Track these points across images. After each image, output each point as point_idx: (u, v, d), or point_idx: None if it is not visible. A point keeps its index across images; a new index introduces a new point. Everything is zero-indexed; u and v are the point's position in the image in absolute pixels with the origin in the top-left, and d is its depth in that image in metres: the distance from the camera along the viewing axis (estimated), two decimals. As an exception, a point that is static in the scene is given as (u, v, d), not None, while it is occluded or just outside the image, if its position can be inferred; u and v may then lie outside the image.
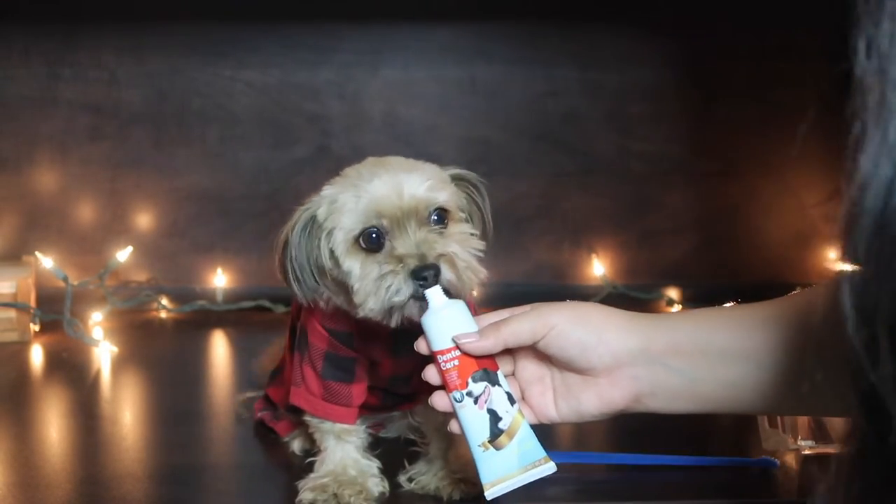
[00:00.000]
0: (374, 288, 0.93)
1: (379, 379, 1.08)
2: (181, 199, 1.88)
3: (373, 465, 1.07)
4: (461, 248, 0.95)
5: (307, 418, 1.08)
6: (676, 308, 1.87)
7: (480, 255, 0.98)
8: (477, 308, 1.80)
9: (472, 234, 0.98)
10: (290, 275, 0.97)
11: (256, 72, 1.85)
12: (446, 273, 0.92)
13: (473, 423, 0.88)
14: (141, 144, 1.86)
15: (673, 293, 1.88)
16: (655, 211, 1.90)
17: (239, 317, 1.80)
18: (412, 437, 1.14)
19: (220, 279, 1.87)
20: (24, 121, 1.84)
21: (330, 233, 0.96)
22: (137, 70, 1.84)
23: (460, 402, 0.88)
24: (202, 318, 1.81)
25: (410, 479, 1.06)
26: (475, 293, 0.97)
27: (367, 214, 0.94)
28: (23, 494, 1.07)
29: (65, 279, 1.70)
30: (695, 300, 1.85)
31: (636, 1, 1.84)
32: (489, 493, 0.87)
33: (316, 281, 0.97)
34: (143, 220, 1.88)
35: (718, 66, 1.86)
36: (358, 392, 1.06)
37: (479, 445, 0.87)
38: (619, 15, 1.85)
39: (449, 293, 0.92)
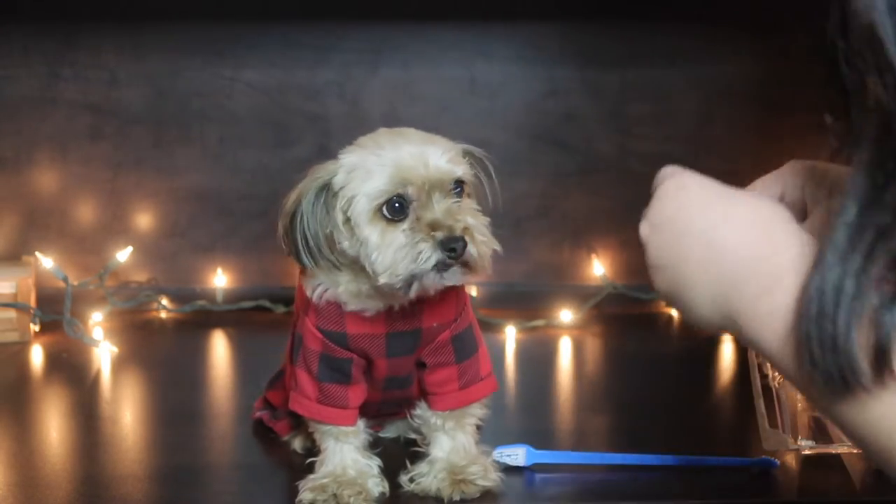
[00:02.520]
0: (401, 255, 0.93)
1: (374, 381, 1.08)
2: (181, 199, 1.88)
3: (373, 466, 1.07)
4: (477, 221, 0.97)
5: (307, 419, 1.09)
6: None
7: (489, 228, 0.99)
8: (475, 307, 1.80)
9: (478, 210, 1.00)
10: (301, 246, 0.96)
11: (256, 72, 1.85)
12: (471, 247, 0.94)
13: None
14: (141, 144, 1.86)
15: (673, 293, 1.88)
16: (655, 211, 1.90)
17: (239, 317, 1.81)
18: (412, 436, 1.14)
19: (220, 279, 1.87)
20: (24, 121, 1.84)
21: (348, 200, 0.95)
22: (137, 70, 1.84)
23: None
24: (202, 318, 1.81)
25: (411, 480, 1.06)
26: (487, 271, 0.98)
27: (393, 182, 0.94)
28: (23, 494, 1.07)
29: (65, 279, 1.70)
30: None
31: (636, 1, 1.84)
32: None
33: (320, 251, 0.96)
34: (143, 220, 1.88)
35: (719, 66, 1.86)
36: (355, 394, 1.06)
37: None
38: (618, 15, 1.85)
39: (469, 268, 0.95)
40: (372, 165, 0.95)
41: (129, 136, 1.86)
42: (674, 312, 1.86)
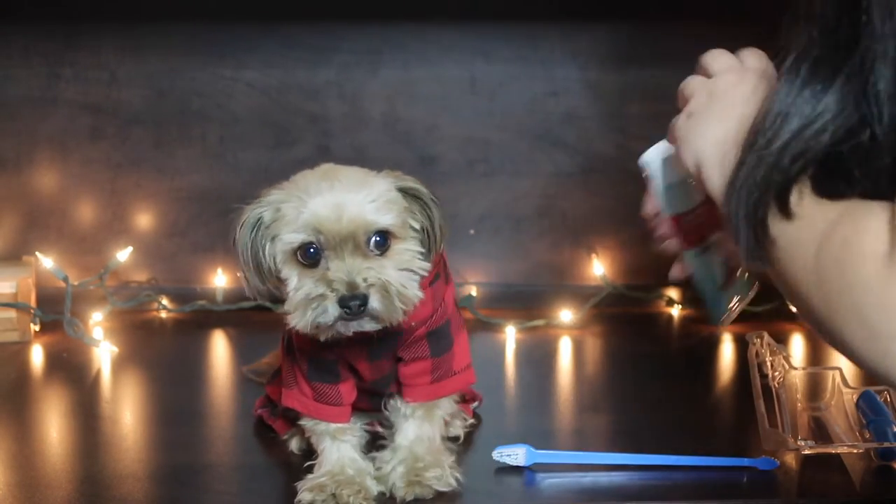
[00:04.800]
0: (303, 305, 0.95)
1: (363, 382, 1.09)
2: (181, 199, 1.88)
3: (370, 464, 1.07)
4: (397, 273, 0.97)
5: (302, 422, 1.09)
6: (676, 308, 1.87)
7: (423, 274, 0.99)
8: (475, 307, 1.80)
9: (417, 254, 0.99)
10: (240, 272, 1.00)
11: (256, 72, 1.85)
12: (374, 302, 0.94)
13: (705, 272, 1.00)
14: (141, 144, 1.86)
15: (673, 293, 1.88)
16: (655, 211, 1.90)
17: (239, 317, 1.81)
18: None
19: (220, 279, 1.87)
20: (24, 121, 1.84)
21: (273, 239, 0.98)
22: (137, 70, 1.84)
23: (701, 254, 1.00)
24: (202, 318, 1.81)
25: (376, 468, 1.07)
26: (403, 318, 0.98)
27: (305, 231, 0.96)
28: (23, 494, 1.07)
29: (65, 279, 1.70)
30: (695, 300, 1.85)
31: (636, 1, 1.84)
32: (725, 321, 1.01)
33: (262, 281, 0.99)
34: (143, 220, 1.88)
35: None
36: (346, 390, 1.08)
37: (714, 291, 1.00)
38: (618, 15, 1.85)
39: (377, 319, 0.95)
40: (291, 210, 0.97)
41: (129, 136, 1.86)
42: (674, 312, 1.86)
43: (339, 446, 1.07)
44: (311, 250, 0.96)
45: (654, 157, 1.06)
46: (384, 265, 0.96)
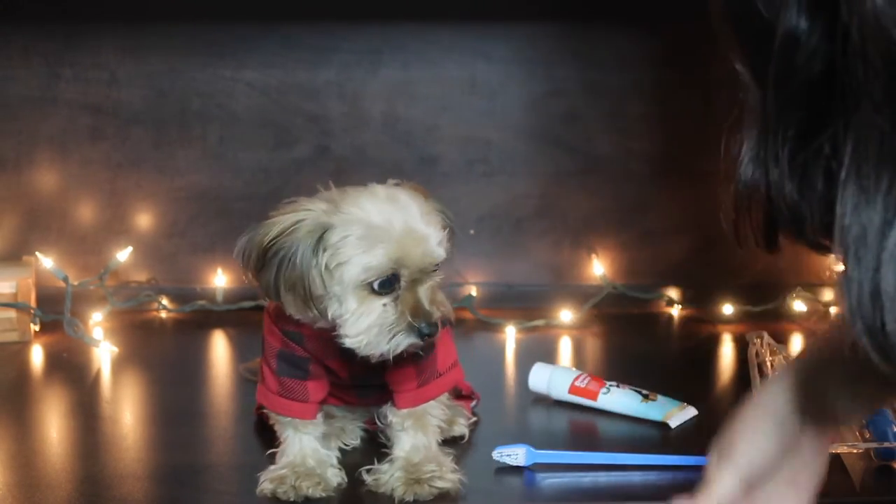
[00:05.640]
0: (374, 331, 0.97)
1: (341, 379, 1.10)
2: (181, 199, 1.88)
3: (331, 456, 1.10)
4: (442, 294, 1.03)
5: (266, 410, 1.11)
6: (676, 308, 1.86)
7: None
8: (475, 307, 1.80)
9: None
10: (284, 285, 0.97)
11: (256, 72, 1.85)
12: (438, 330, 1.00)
13: (625, 397, 1.28)
14: (141, 144, 1.86)
15: (673, 293, 1.88)
16: (655, 211, 1.90)
17: (239, 317, 1.80)
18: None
19: (220, 279, 1.87)
20: (24, 121, 1.84)
21: (339, 262, 0.96)
22: (137, 70, 1.84)
23: (608, 393, 1.28)
24: (202, 318, 1.81)
25: (370, 472, 1.08)
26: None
27: (392, 262, 0.97)
28: (23, 494, 1.07)
29: (65, 279, 1.70)
30: (695, 300, 1.85)
31: (636, 1, 1.84)
32: (672, 422, 1.23)
33: (305, 302, 0.98)
34: (143, 220, 1.88)
35: (718, 66, 1.86)
36: (314, 388, 1.09)
37: (641, 404, 1.26)
38: (619, 15, 1.85)
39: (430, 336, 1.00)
40: (374, 238, 0.97)
41: (129, 136, 1.86)
42: (674, 312, 1.86)
43: (301, 437, 1.09)
44: (387, 281, 0.97)
45: (539, 380, 1.35)
46: (436, 289, 1.01)
